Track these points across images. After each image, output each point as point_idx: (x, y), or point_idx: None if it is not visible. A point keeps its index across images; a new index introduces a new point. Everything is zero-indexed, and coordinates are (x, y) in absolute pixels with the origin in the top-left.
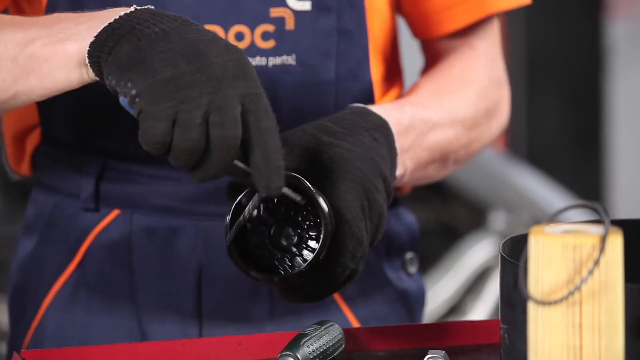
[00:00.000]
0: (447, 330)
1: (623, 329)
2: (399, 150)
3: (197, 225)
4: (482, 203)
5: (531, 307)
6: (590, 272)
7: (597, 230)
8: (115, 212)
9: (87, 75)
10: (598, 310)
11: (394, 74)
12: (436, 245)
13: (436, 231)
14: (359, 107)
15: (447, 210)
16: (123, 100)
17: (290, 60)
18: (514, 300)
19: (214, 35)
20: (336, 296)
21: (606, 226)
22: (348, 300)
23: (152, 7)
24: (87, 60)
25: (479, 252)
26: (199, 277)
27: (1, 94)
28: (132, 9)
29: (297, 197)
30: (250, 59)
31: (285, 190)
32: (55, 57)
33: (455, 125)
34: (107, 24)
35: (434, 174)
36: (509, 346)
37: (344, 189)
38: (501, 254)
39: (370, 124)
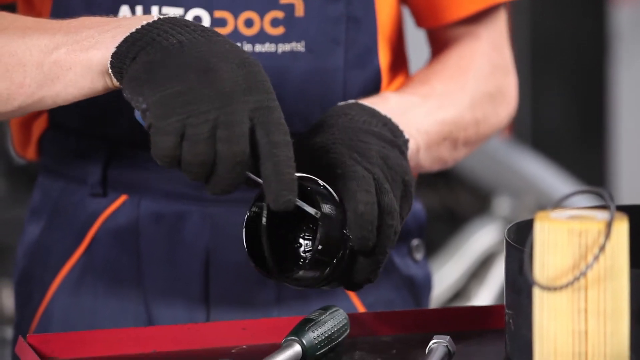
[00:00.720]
0: (452, 315)
1: (628, 314)
2: (395, 120)
3: (205, 211)
4: (487, 189)
5: (536, 293)
6: (596, 257)
7: (602, 216)
8: (122, 198)
9: (111, 83)
10: (603, 295)
11: (400, 63)
12: (441, 231)
13: (441, 216)
14: (348, 103)
15: (451, 195)
16: (137, 114)
17: (299, 47)
18: (519, 285)
19: (231, 47)
20: None
21: (612, 212)
22: None
23: (176, 16)
24: (109, 70)
25: (483, 238)
26: (206, 263)
27: (27, 98)
28: (154, 17)
29: (310, 210)
30: (259, 46)
31: (298, 203)
32: (79, 65)
33: (454, 104)
34: (129, 33)
35: (447, 155)
36: (514, 331)
37: (351, 186)
38: (506, 239)
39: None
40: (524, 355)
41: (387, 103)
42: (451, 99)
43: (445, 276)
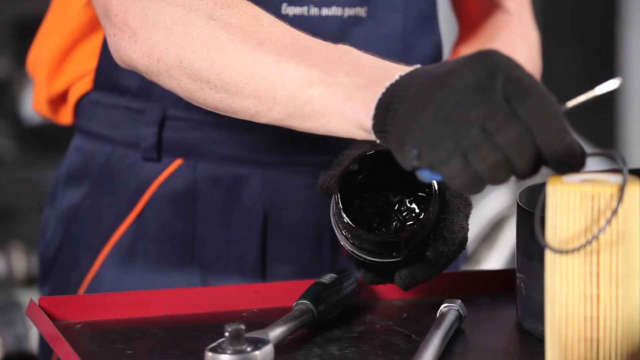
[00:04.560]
0: (463, 279)
1: None
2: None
3: (263, 174)
4: None
5: (548, 256)
6: (609, 221)
7: (614, 179)
8: (177, 162)
9: (371, 136)
10: (615, 259)
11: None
12: None
13: None
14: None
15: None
16: (421, 173)
17: (362, 12)
18: (531, 249)
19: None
20: None
21: (625, 175)
22: None
23: (416, 67)
24: (372, 135)
25: (494, 201)
26: (264, 227)
27: (274, 121)
28: (397, 77)
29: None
30: (326, 9)
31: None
32: (334, 114)
33: None
34: (380, 96)
35: None
36: (525, 295)
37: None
38: (518, 203)
39: None
40: (535, 319)
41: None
42: None
43: None
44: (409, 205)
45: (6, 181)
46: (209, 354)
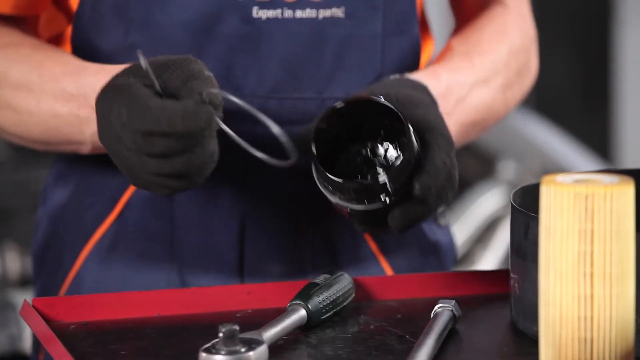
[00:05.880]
0: (457, 279)
1: (634, 278)
2: (440, 109)
3: (241, 175)
4: (491, 153)
5: (542, 257)
6: (602, 221)
7: (608, 179)
8: None
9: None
10: (609, 259)
11: (425, 30)
12: None
13: None
14: (396, 77)
15: (456, 159)
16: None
17: (339, 12)
18: (525, 249)
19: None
20: (374, 248)
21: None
22: (385, 253)
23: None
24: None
25: (488, 202)
26: (242, 228)
27: (94, 151)
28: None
29: (380, 99)
30: (300, 12)
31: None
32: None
33: (490, 86)
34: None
35: (474, 136)
36: (520, 296)
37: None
38: (512, 203)
39: (412, 86)
40: (529, 319)
41: (439, 83)
42: (487, 78)
43: None
44: (390, 150)
45: (1, 181)
46: (203, 354)
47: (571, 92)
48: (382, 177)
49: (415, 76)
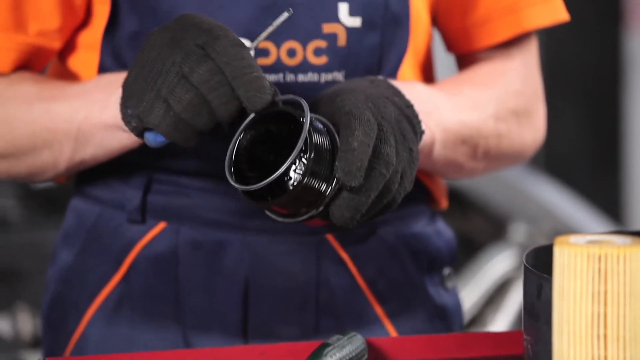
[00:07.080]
0: (469, 341)
1: None
2: (416, 108)
3: (244, 239)
4: (502, 214)
5: (555, 318)
6: (615, 282)
7: (621, 240)
8: (161, 225)
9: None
10: (623, 321)
11: (431, 80)
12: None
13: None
14: (372, 78)
15: (467, 221)
16: (146, 137)
17: (339, 76)
18: (537, 311)
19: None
20: (379, 312)
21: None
22: (391, 316)
23: None
24: (124, 126)
25: (499, 264)
26: (245, 291)
27: (70, 162)
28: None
29: (294, 113)
30: (302, 75)
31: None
32: (100, 130)
33: (480, 110)
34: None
35: (464, 160)
36: (533, 357)
37: (347, 98)
38: (525, 264)
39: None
40: None
41: (413, 89)
42: (477, 104)
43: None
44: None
45: (12, 242)
46: None
47: (581, 154)
48: (282, 168)
49: (392, 81)
